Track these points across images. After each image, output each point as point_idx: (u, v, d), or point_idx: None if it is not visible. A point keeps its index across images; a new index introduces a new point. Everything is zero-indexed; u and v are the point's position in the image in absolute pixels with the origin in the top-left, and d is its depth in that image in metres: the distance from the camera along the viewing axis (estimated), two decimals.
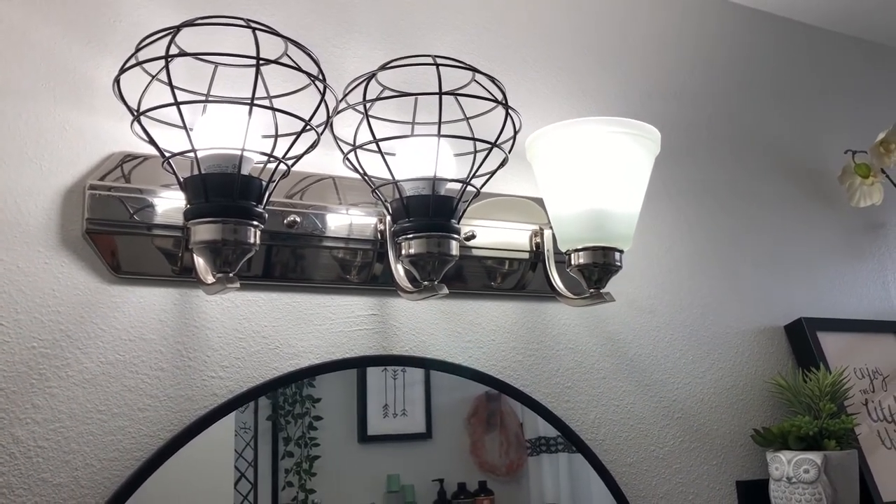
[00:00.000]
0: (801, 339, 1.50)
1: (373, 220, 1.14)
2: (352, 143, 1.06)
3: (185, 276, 1.02)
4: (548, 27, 1.42)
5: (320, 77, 0.93)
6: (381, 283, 1.14)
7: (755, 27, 1.68)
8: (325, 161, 1.15)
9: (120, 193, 0.99)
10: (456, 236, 1.03)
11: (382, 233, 1.13)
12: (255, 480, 1.02)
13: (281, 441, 1.05)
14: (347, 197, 1.14)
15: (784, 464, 1.28)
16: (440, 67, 0.98)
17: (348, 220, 1.12)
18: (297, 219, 1.07)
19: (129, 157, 1.02)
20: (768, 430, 1.34)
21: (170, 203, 1.01)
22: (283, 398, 1.07)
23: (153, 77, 0.95)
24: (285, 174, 0.96)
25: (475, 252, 1.21)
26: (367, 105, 1.01)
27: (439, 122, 0.97)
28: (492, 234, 1.22)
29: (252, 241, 0.90)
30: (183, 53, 0.91)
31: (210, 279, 0.94)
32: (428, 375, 1.17)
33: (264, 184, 0.92)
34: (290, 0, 1.19)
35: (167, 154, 0.91)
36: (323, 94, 0.93)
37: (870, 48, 1.85)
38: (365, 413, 1.12)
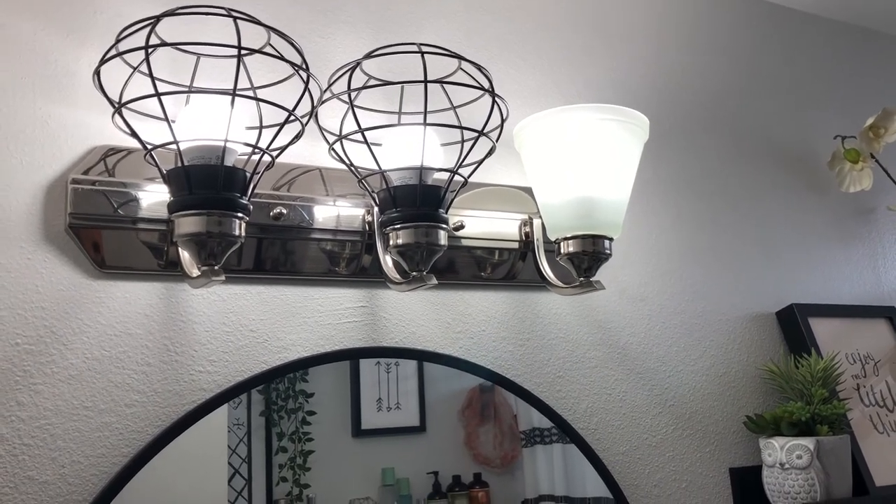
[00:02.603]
0: (793, 326, 1.50)
1: (360, 212, 1.13)
2: (337, 133, 1.05)
3: (170, 270, 1.01)
4: (536, 15, 1.41)
5: (304, 66, 0.91)
6: (369, 275, 1.14)
7: (744, 14, 1.68)
8: (311, 152, 1.14)
9: (103, 187, 0.97)
10: (444, 226, 1.03)
11: (370, 224, 1.12)
12: (249, 476, 1.02)
13: (274, 436, 1.04)
14: (335, 188, 1.13)
15: (777, 450, 1.28)
16: (425, 56, 0.97)
17: (336, 212, 1.11)
18: (284, 210, 1.06)
19: (112, 151, 1.01)
20: (761, 417, 1.34)
21: (154, 196, 1.00)
22: (276, 393, 1.06)
23: (135, 69, 0.94)
24: (270, 165, 0.95)
25: (464, 242, 1.20)
26: (353, 95, 1.00)
27: (425, 111, 0.97)
28: (481, 223, 1.22)
29: (237, 233, 0.89)
30: (163, 44, 0.89)
31: (195, 272, 0.93)
32: (421, 368, 1.17)
33: (248, 175, 0.91)
34: None
35: (149, 146, 0.90)
36: (306, 84, 0.92)
37: (858, 33, 1.85)
38: (359, 407, 1.11)
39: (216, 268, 0.89)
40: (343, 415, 1.10)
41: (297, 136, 0.96)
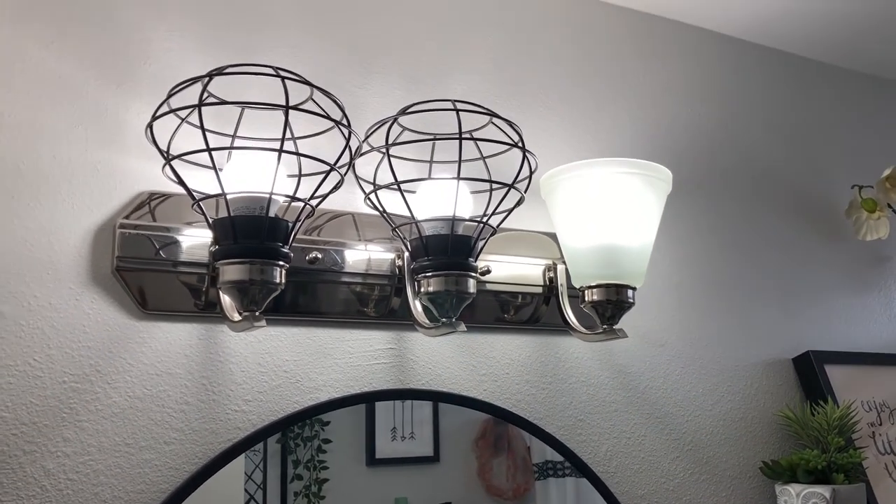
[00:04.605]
0: (809, 372, 1.51)
1: (390, 256, 1.16)
2: (371, 181, 1.09)
3: (209, 311, 1.05)
4: (561, 66, 1.45)
5: (344, 122, 0.96)
6: (398, 318, 1.17)
7: (763, 64, 1.71)
8: (344, 198, 1.17)
9: (147, 232, 1.01)
10: (473, 274, 1.06)
11: (400, 268, 1.15)
12: (264, 503, 1.04)
13: (290, 464, 1.06)
14: (366, 233, 1.16)
15: (793, 497, 1.29)
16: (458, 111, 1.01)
17: (367, 256, 1.15)
18: (319, 255, 1.10)
19: (155, 196, 1.05)
20: (777, 463, 1.36)
21: (193, 240, 1.04)
22: None
23: (183, 119, 0.98)
24: (310, 214, 0.98)
25: (489, 286, 1.23)
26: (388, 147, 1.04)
27: (459, 165, 1.00)
28: (506, 268, 1.25)
29: (278, 280, 0.93)
30: (216, 102, 0.94)
31: (237, 317, 0.97)
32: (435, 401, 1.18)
33: (291, 225, 0.95)
34: (312, 44, 1.22)
35: (197, 196, 0.94)
36: (348, 140, 0.96)
37: (876, 83, 1.88)
38: (373, 436, 1.13)
39: (257, 314, 0.93)
40: (358, 443, 1.12)
41: (337, 187, 1.00)
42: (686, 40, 1.62)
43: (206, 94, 0.93)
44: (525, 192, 1.09)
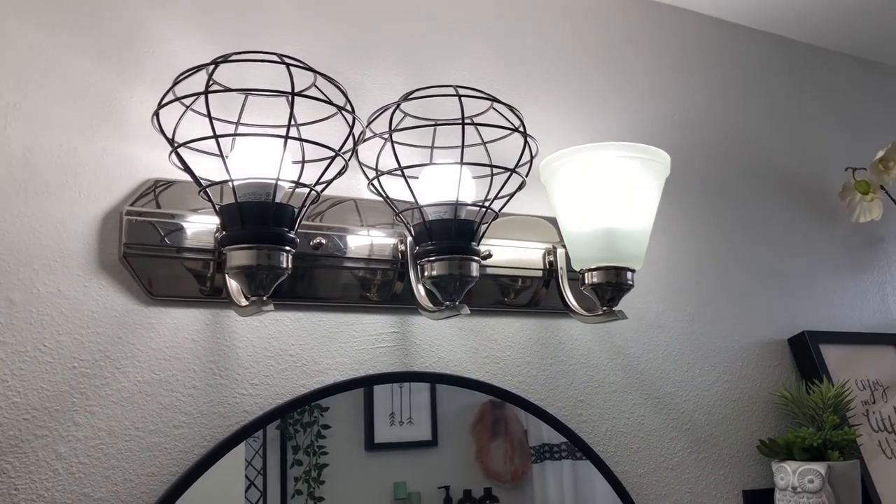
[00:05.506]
0: (805, 352, 1.54)
1: (392, 241, 1.18)
2: (374, 167, 1.10)
3: (214, 296, 1.06)
4: (559, 52, 1.46)
5: (348, 108, 0.97)
6: (401, 302, 1.18)
7: (757, 48, 1.72)
8: (347, 184, 1.18)
9: (153, 219, 1.02)
10: (476, 258, 1.08)
11: (403, 253, 1.17)
12: (264, 488, 1.05)
13: (290, 449, 1.07)
14: (368, 218, 1.18)
15: (789, 474, 1.32)
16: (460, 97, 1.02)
17: (369, 241, 1.16)
18: (323, 241, 1.11)
19: (160, 183, 1.06)
20: (773, 441, 1.38)
21: (198, 226, 1.05)
22: None
23: (187, 107, 0.99)
24: (315, 199, 1.00)
25: (490, 270, 1.24)
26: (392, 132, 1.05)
27: (462, 150, 1.01)
28: (507, 252, 1.26)
29: (285, 265, 0.94)
30: (224, 89, 0.95)
31: (244, 301, 0.98)
32: (434, 384, 1.20)
33: (296, 210, 0.96)
34: (312, 30, 1.23)
35: (204, 183, 0.95)
36: (352, 126, 0.97)
37: (869, 67, 1.89)
38: (372, 421, 1.14)
39: (265, 298, 0.94)
40: (357, 429, 1.14)
41: (341, 172, 1.01)
42: (683, 26, 1.62)
43: (211, 82, 0.93)
44: (526, 175, 1.10)
